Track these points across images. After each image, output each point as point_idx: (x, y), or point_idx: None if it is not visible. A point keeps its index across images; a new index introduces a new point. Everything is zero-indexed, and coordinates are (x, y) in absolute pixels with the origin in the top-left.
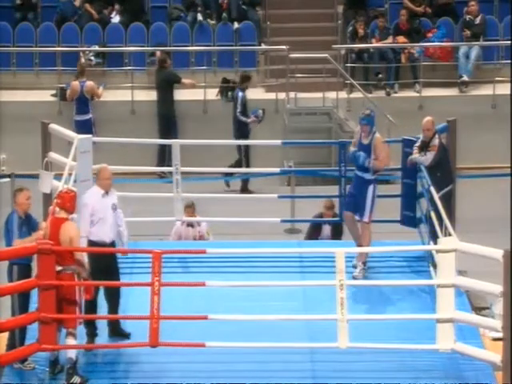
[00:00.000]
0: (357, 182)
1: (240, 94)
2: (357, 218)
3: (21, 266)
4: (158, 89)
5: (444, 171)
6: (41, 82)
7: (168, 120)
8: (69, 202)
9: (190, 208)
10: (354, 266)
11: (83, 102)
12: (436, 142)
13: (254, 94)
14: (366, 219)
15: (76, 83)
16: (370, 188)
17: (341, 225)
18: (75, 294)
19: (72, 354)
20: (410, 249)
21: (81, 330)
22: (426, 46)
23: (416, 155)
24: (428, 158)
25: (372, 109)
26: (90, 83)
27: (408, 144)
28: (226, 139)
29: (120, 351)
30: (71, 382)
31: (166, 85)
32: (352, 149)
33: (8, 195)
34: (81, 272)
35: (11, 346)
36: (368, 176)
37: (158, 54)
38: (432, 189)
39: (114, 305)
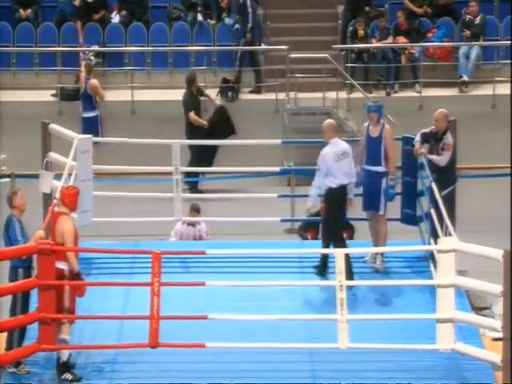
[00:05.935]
0: (369, 176)
1: None
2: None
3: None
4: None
5: (450, 171)
6: (41, 82)
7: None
8: (67, 198)
9: (197, 213)
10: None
11: (88, 99)
12: (450, 140)
13: (254, 93)
14: (381, 212)
15: (83, 78)
16: (383, 180)
17: None
18: (63, 291)
19: (64, 352)
20: (410, 249)
21: (77, 329)
22: (426, 46)
23: (433, 156)
24: (444, 158)
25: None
26: (93, 81)
27: (408, 142)
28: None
29: (120, 351)
30: (63, 377)
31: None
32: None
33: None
34: (73, 267)
35: (10, 346)
36: (381, 169)
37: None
38: (433, 186)
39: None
